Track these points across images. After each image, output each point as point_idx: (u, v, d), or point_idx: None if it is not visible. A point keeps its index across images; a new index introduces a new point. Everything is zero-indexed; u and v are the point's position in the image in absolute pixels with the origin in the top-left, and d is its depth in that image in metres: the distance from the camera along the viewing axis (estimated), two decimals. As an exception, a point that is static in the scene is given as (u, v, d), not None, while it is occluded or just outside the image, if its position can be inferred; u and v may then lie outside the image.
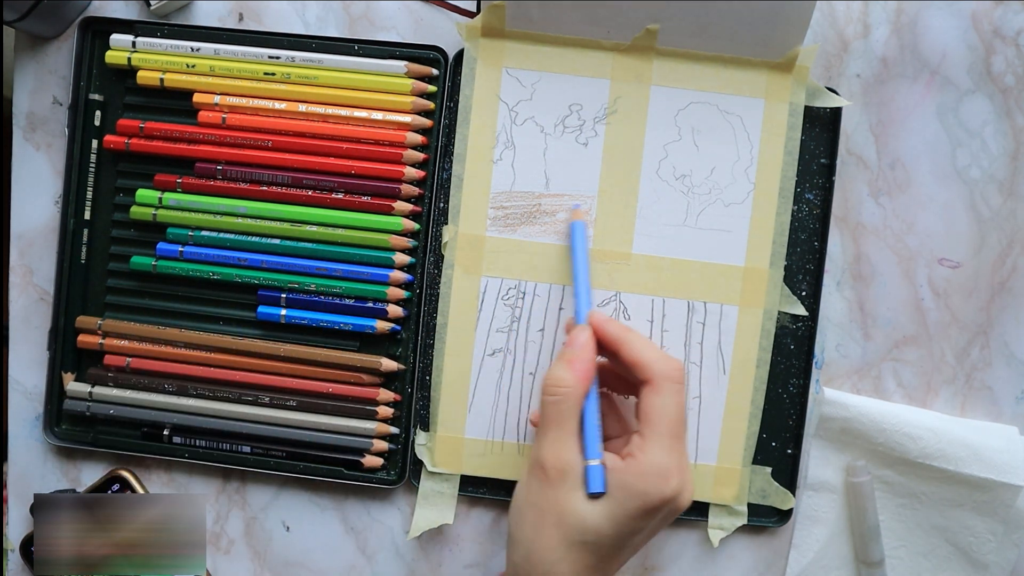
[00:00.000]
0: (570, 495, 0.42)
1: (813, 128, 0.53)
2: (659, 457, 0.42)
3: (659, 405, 0.43)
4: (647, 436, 0.43)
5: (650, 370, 0.44)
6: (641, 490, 0.42)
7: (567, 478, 0.43)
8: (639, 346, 0.45)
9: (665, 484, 0.42)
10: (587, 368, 0.45)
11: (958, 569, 0.53)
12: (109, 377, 0.54)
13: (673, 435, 0.43)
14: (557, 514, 0.42)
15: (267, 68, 0.52)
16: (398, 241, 0.52)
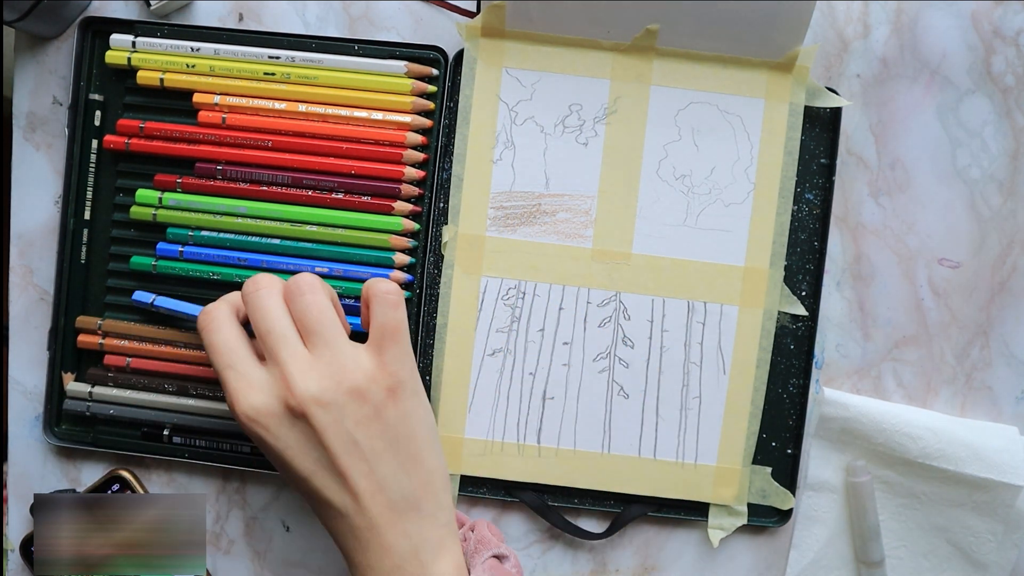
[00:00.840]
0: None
1: (813, 128, 0.53)
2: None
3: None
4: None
5: (370, 292, 0.45)
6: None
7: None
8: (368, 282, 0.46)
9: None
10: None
11: (958, 569, 0.53)
12: (109, 377, 0.54)
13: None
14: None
15: (267, 68, 0.52)
16: (398, 241, 0.52)
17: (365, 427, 0.42)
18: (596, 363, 0.53)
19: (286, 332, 0.43)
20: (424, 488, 0.44)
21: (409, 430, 0.44)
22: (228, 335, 0.44)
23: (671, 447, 0.53)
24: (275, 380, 0.42)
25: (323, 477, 0.42)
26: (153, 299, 0.53)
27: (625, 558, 0.55)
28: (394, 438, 0.43)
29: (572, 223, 0.52)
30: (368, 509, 0.42)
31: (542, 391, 0.53)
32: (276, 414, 0.42)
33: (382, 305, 0.44)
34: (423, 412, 0.45)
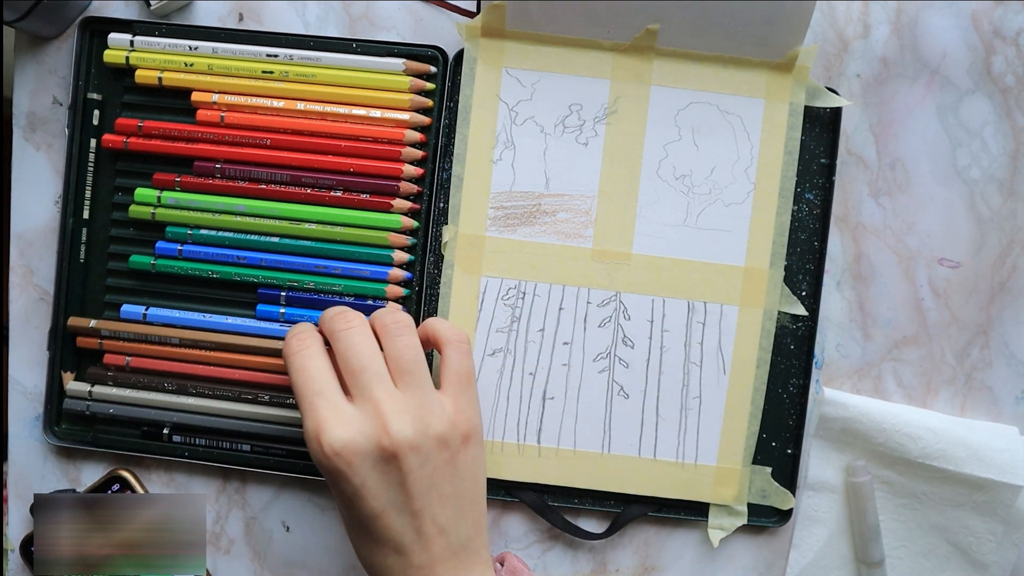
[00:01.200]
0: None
1: (813, 128, 0.53)
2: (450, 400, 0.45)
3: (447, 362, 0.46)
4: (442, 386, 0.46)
5: (441, 337, 0.47)
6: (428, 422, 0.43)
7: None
8: (430, 321, 0.48)
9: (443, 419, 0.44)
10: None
11: (958, 569, 0.53)
12: (109, 376, 0.54)
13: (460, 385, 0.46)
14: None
15: (265, 66, 0.52)
16: (397, 239, 0.52)
17: (442, 472, 0.43)
18: (596, 363, 0.53)
19: (381, 371, 0.43)
20: (476, 529, 0.45)
21: (474, 476, 0.45)
22: (321, 364, 0.44)
23: (671, 447, 0.53)
24: (368, 418, 0.42)
25: (394, 517, 0.43)
26: (145, 312, 0.53)
27: (625, 558, 0.55)
28: (460, 483, 0.44)
29: (572, 223, 0.52)
30: (430, 550, 0.43)
31: (542, 391, 0.53)
32: (365, 452, 0.42)
33: (457, 352, 0.46)
34: (483, 459, 0.46)
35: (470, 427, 0.45)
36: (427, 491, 0.43)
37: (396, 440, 0.42)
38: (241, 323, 0.53)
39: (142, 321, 0.53)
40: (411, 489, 0.42)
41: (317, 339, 0.46)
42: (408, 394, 0.43)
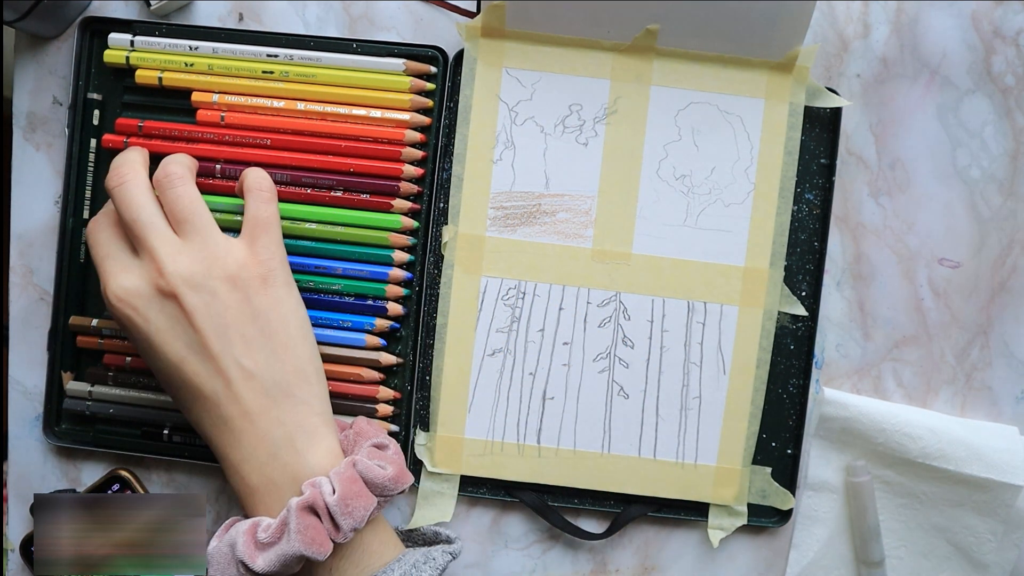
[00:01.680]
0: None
1: (813, 128, 0.53)
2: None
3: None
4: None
5: (244, 185, 0.47)
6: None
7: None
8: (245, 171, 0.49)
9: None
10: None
11: (958, 569, 0.54)
12: (109, 376, 0.54)
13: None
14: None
15: (265, 66, 0.52)
16: (397, 238, 0.52)
17: (236, 312, 0.43)
18: (596, 363, 0.53)
19: (153, 219, 0.44)
20: (297, 375, 0.44)
21: (281, 318, 0.45)
22: (107, 234, 0.46)
23: (671, 447, 0.53)
24: (145, 264, 0.44)
25: (194, 362, 0.43)
26: None
27: (625, 558, 0.55)
28: (265, 325, 0.44)
29: (572, 223, 0.52)
30: (240, 395, 0.43)
31: (542, 391, 0.53)
32: (145, 295, 0.43)
33: (256, 199, 0.46)
34: (294, 303, 0.46)
35: (266, 269, 0.45)
36: (223, 332, 0.43)
37: (170, 279, 0.43)
38: (241, 323, 0.53)
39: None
40: (202, 328, 0.43)
41: (106, 217, 0.46)
42: (188, 240, 0.44)
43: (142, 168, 0.46)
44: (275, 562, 0.41)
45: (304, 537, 0.41)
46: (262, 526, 0.42)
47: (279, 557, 0.41)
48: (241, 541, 0.42)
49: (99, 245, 0.45)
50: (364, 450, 0.45)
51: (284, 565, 0.42)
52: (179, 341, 0.43)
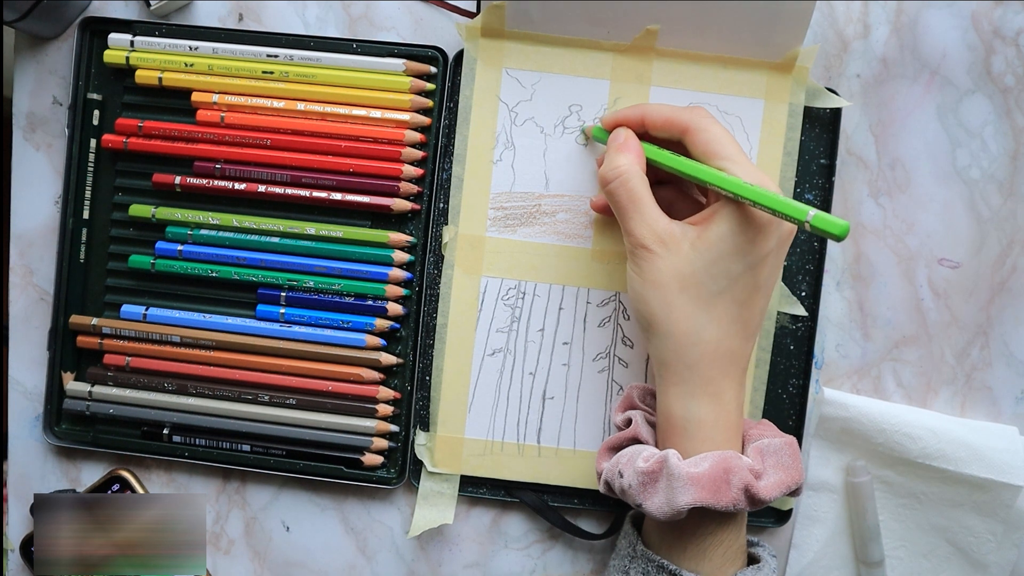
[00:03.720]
0: (682, 258, 0.43)
1: (813, 128, 0.53)
2: (746, 173, 0.42)
3: (707, 138, 0.44)
4: (724, 164, 0.43)
5: (680, 120, 0.45)
6: (751, 212, 0.42)
7: (671, 243, 0.43)
8: (658, 110, 0.47)
9: (772, 190, 0.42)
10: (637, 148, 0.46)
11: (958, 569, 0.53)
12: (109, 376, 0.54)
13: (738, 153, 0.44)
14: (679, 280, 0.43)
15: (265, 67, 0.52)
16: (397, 238, 0.52)
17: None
18: (596, 363, 0.53)
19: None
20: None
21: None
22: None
23: (671, 447, 0.53)
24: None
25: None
26: (145, 312, 0.53)
27: (625, 558, 0.55)
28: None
29: (572, 223, 0.52)
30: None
31: (542, 391, 0.53)
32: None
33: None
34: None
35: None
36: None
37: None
38: (241, 323, 0.53)
39: (142, 321, 0.53)
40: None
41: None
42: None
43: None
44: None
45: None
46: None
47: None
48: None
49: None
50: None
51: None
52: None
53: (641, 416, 0.47)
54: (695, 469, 0.41)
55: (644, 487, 0.42)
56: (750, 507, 0.42)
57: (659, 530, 0.45)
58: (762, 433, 0.45)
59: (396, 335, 0.54)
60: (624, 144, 0.46)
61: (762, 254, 0.43)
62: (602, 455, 0.46)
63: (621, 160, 0.45)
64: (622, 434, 0.46)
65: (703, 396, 0.43)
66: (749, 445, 0.44)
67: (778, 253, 0.44)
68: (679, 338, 0.43)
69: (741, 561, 0.44)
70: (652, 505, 0.41)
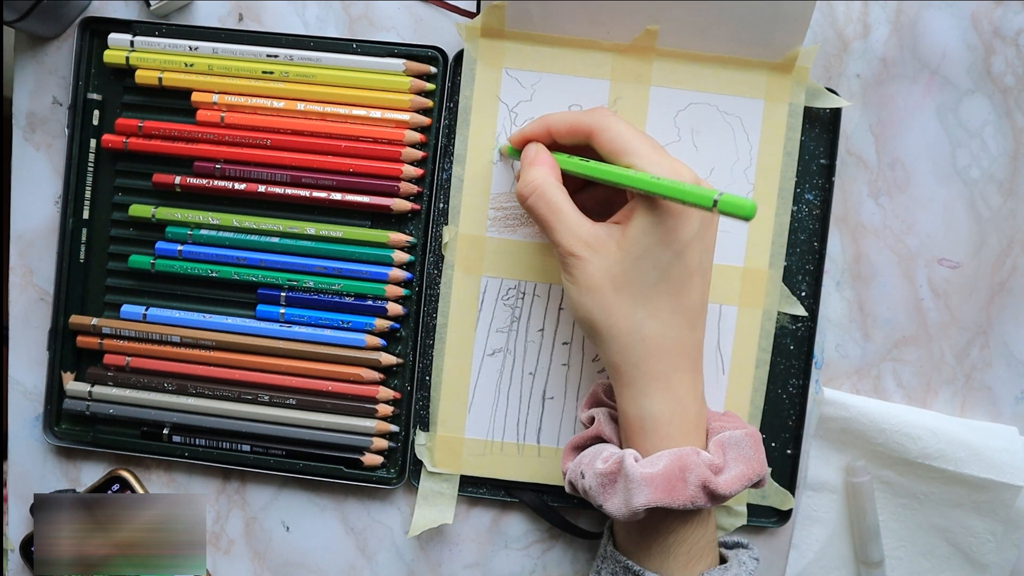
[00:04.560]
0: (611, 258, 0.43)
1: (813, 128, 0.53)
2: (661, 165, 0.42)
3: (612, 136, 0.44)
4: (633, 161, 0.43)
5: (583, 123, 0.45)
6: (665, 202, 0.42)
7: (597, 246, 0.43)
8: (560, 118, 0.46)
9: (682, 176, 0.42)
10: (549, 159, 0.46)
11: (958, 569, 0.53)
12: (109, 376, 0.54)
13: (647, 147, 0.43)
14: (612, 281, 0.43)
15: (265, 67, 0.52)
16: (397, 238, 0.52)
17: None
18: (596, 363, 0.53)
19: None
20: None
21: None
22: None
23: (671, 447, 0.53)
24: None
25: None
26: (145, 312, 0.53)
27: (625, 558, 0.55)
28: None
29: (572, 223, 0.52)
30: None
31: (542, 391, 0.53)
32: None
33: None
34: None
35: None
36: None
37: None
38: (241, 323, 0.53)
39: (142, 321, 0.53)
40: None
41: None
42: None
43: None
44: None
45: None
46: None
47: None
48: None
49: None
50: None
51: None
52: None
53: (605, 414, 0.46)
54: (650, 469, 0.41)
55: (603, 488, 0.42)
56: (711, 503, 0.42)
57: (626, 530, 0.45)
58: (724, 425, 0.45)
59: (396, 335, 0.54)
60: (535, 158, 0.46)
61: (686, 240, 0.43)
62: (566, 455, 0.47)
63: (534, 174, 0.45)
64: (585, 433, 0.47)
65: (655, 393, 0.43)
66: (712, 438, 0.44)
67: (704, 235, 0.43)
68: (622, 338, 0.43)
69: (711, 558, 0.44)
70: (611, 506, 0.42)
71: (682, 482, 0.41)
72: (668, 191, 0.41)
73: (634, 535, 0.44)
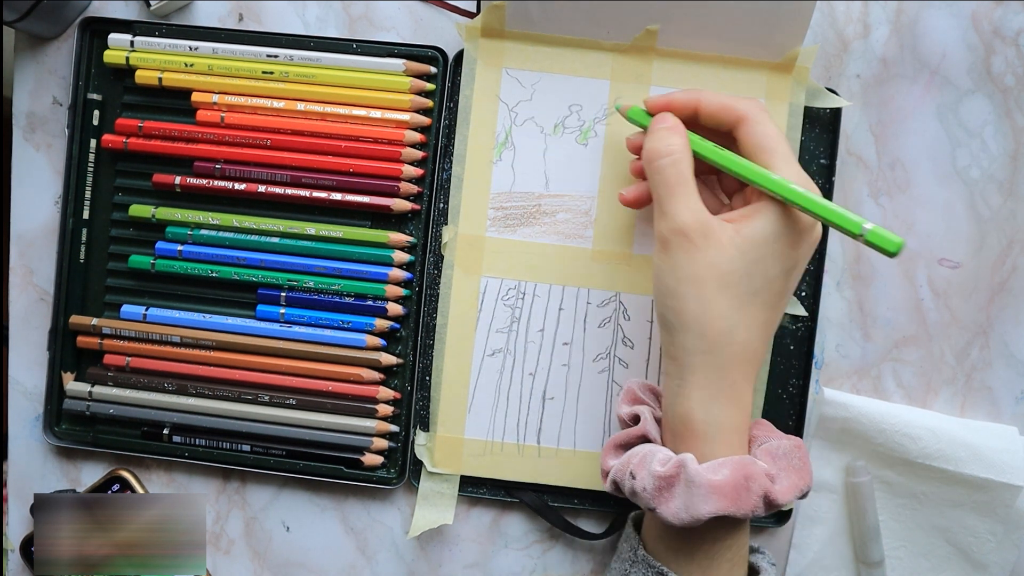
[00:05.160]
0: (723, 254, 0.41)
1: (813, 128, 0.53)
2: (796, 175, 0.42)
3: (764, 132, 0.43)
4: (774, 162, 0.42)
5: (738, 108, 0.44)
6: (796, 215, 0.42)
7: (711, 236, 0.41)
8: (715, 96, 0.45)
9: (815, 194, 0.41)
10: (686, 135, 0.44)
11: (958, 569, 0.54)
12: (109, 376, 0.54)
13: (790, 154, 0.43)
14: (719, 277, 0.41)
15: (265, 67, 0.52)
16: (397, 238, 0.52)
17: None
18: (596, 363, 0.53)
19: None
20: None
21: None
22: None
23: (671, 447, 0.53)
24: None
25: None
26: (145, 313, 0.53)
27: (625, 558, 0.55)
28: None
29: (572, 223, 0.52)
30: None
31: (542, 391, 0.53)
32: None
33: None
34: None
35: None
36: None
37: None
38: (241, 323, 0.53)
39: (142, 322, 0.53)
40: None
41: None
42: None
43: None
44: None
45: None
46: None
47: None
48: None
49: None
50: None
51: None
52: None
53: (650, 413, 0.45)
54: (716, 476, 0.40)
55: (660, 492, 0.41)
56: (766, 512, 0.41)
57: (665, 535, 0.43)
58: (766, 434, 0.44)
59: (396, 335, 0.54)
60: (676, 126, 0.44)
61: (798, 259, 0.42)
62: (608, 452, 0.45)
63: (675, 139, 0.43)
64: (631, 431, 0.45)
65: (726, 400, 0.42)
66: (756, 447, 0.43)
67: (809, 256, 0.43)
68: (712, 339, 0.41)
69: (744, 567, 0.44)
70: (668, 511, 0.40)
71: (747, 491, 0.40)
72: (816, 207, 0.40)
73: (674, 540, 0.43)
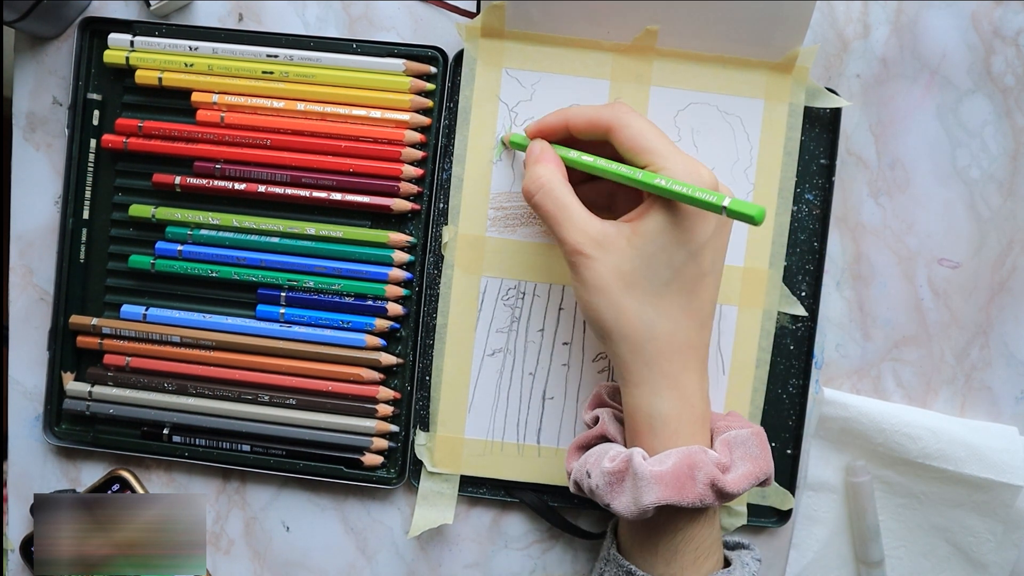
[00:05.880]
0: (621, 256, 0.42)
1: (813, 128, 0.53)
2: (678, 164, 0.42)
3: (632, 134, 0.44)
4: (652, 159, 0.43)
5: (602, 119, 0.45)
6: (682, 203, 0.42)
7: (606, 244, 0.43)
8: (580, 111, 0.46)
9: (700, 177, 0.42)
10: (554, 157, 0.46)
11: (958, 569, 0.54)
12: (109, 376, 0.54)
13: (667, 145, 0.43)
14: (622, 280, 0.42)
15: (265, 67, 0.52)
16: (397, 238, 0.52)
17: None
18: (596, 363, 0.53)
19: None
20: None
21: None
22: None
23: (671, 447, 0.53)
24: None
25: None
26: (145, 313, 0.53)
27: (625, 558, 0.55)
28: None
29: (572, 223, 0.52)
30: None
31: (542, 391, 0.53)
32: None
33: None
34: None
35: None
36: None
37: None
38: (241, 323, 0.53)
39: (142, 321, 0.53)
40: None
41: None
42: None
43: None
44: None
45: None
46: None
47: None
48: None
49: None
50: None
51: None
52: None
53: (609, 413, 0.46)
54: (659, 467, 0.41)
55: (611, 487, 0.42)
56: (719, 501, 0.42)
57: (631, 531, 0.45)
58: (729, 425, 0.45)
59: (396, 335, 0.54)
60: (541, 155, 0.46)
61: (701, 241, 0.42)
62: (571, 454, 0.46)
63: (540, 171, 0.45)
64: (590, 432, 0.46)
65: (665, 391, 0.43)
66: (717, 437, 0.44)
67: (718, 237, 0.43)
68: (633, 337, 0.43)
69: (716, 558, 0.44)
70: (619, 505, 0.42)
71: (691, 480, 0.41)
72: (678, 194, 0.41)
73: (640, 536, 0.44)
